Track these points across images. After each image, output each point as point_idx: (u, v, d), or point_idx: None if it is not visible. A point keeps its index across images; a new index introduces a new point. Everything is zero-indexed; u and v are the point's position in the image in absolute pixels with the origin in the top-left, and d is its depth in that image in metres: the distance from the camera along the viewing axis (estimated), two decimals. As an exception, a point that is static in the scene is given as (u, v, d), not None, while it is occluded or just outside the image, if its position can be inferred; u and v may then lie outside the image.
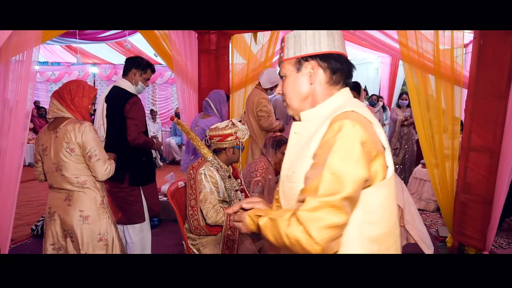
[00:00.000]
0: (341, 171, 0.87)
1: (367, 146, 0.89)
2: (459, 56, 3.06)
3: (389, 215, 0.98)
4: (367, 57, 7.14)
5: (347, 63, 1.08)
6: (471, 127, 2.91)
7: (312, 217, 0.86)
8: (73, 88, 2.00)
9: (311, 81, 1.06)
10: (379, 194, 0.95)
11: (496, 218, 2.83)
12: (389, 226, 0.99)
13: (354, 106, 0.98)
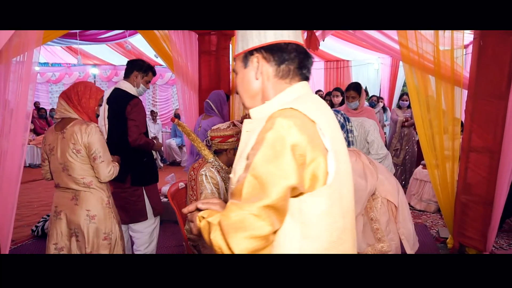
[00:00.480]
0: (265, 176, 0.77)
1: (299, 149, 0.78)
2: (459, 57, 3.07)
3: (331, 228, 0.85)
4: (368, 58, 7.14)
5: (298, 52, 0.95)
6: (471, 128, 2.90)
7: (231, 225, 0.76)
8: (81, 89, 2.03)
9: (256, 75, 0.96)
10: (317, 204, 0.83)
11: (496, 219, 2.83)
12: (331, 241, 0.85)
13: (301, 103, 0.86)
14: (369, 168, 2.43)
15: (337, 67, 7.69)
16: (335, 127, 0.92)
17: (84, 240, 2.01)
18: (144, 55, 6.90)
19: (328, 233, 0.85)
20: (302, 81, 0.97)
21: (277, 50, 0.94)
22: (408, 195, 4.66)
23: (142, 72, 2.59)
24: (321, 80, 7.82)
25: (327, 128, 0.85)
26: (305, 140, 0.79)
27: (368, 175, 2.39)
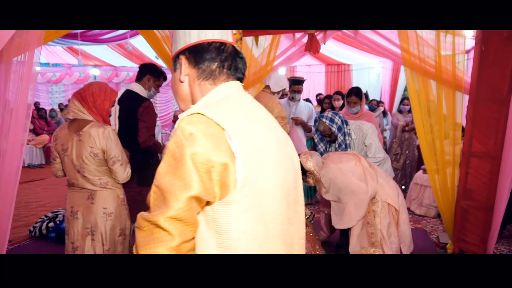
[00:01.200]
0: (165, 186, 0.75)
1: (199, 157, 0.74)
2: (461, 62, 3.06)
3: (248, 237, 0.80)
4: (369, 62, 7.15)
5: (220, 51, 0.91)
6: (472, 133, 2.90)
7: (139, 237, 0.77)
8: (96, 90, 2.03)
9: (181, 78, 0.93)
10: (229, 211, 0.78)
11: (497, 224, 2.81)
12: (249, 250, 0.81)
13: (212, 107, 0.82)
14: (369, 172, 2.42)
15: (338, 71, 7.70)
16: (260, 131, 0.86)
17: (100, 238, 2.04)
18: (144, 56, 6.90)
19: (245, 241, 0.80)
20: (229, 81, 0.92)
21: (199, 51, 0.91)
22: (408, 200, 4.64)
23: (155, 76, 2.71)
24: (322, 83, 7.83)
25: (242, 133, 0.80)
26: (208, 147, 0.75)
27: (368, 179, 2.38)
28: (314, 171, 2.46)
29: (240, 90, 0.94)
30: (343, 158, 2.53)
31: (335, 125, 2.93)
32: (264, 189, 0.82)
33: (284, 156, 0.91)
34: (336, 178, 2.42)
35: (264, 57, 3.97)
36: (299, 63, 7.41)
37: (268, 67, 3.99)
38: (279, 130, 0.95)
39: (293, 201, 0.93)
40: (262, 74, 4.00)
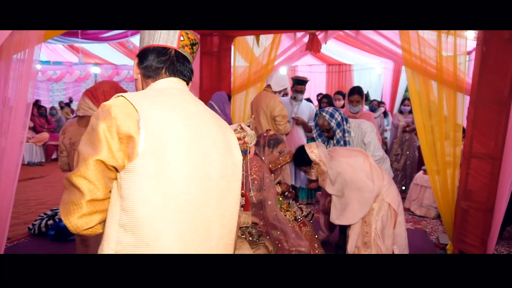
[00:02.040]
0: (81, 150, 0.93)
1: (110, 129, 0.90)
2: (462, 63, 3.05)
3: (145, 204, 0.92)
4: (370, 62, 7.14)
5: (162, 54, 1.07)
6: (472, 134, 2.89)
7: (63, 195, 0.96)
8: (107, 89, 2.08)
9: (135, 75, 1.14)
10: (129, 180, 0.91)
11: (497, 226, 2.81)
12: (143, 215, 0.91)
13: (136, 93, 0.98)
14: (376, 170, 2.43)
15: (339, 71, 7.69)
16: (177, 118, 0.97)
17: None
18: (146, 55, 6.90)
19: (141, 208, 0.91)
20: (167, 78, 1.08)
21: (144, 54, 1.09)
22: (408, 201, 4.64)
23: None
24: (323, 83, 7.82)
25: (153, 116, 0.93)
26: (119, 121, 0.90)
27: (375, 177, 2.38)
28: (320, 162, 2.47)
29: (176, 84, 1.07)
30: (352, 153, 2.53)
31: (334, 120, 2.92)
32: (167, 166, 0.93)
33: (205, 145, 1.01)
34: (344, 173, 2.40)
35: (265, 56, 3.96)
36: (300, 63, 7.40)
37: (269, 66, 3.98)
38: (211, 125, 1.05)
39: (217, 188, 1.02)
40: (263, 73, 3.99)
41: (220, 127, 1.09)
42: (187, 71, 1.11)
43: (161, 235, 0.93)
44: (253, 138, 2.20)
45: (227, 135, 1.10)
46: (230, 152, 1.09)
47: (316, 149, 2.50)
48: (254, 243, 2.31)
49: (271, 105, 3.58)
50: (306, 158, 2.54)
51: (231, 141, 1.11)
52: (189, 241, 0.98)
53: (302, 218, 2.72)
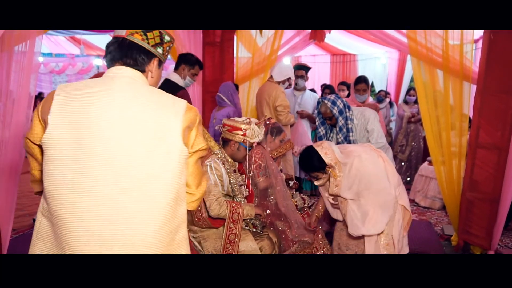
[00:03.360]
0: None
1: (36, 113, 1.08)
2: (469, 52, 3.00)
3: (50, 177, 1.02)
4: (375, 52, 7.04)
5: (109, 45, 1.17)
6: (479, 124, 2.85)
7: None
8: None
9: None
10: (44, 153, 1.05)
11: (502, 217, 2.79)
12: (49, 184, 1.02)
13: (71, 83, 1.09)
14: (391, 167, 2.15)
15: (343, 61, 7.60)
16: (97, 106, 1.02)
17: None
18: (148, 46, 6.86)
19: (47, 181, 1.03)
20: (115, 66, 1.14)
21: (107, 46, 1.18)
22: (413, 192, 4.61)
23: (189, 65, 2.80)
24: (327, 74, 7.74)
25: (68, 103, 1.03)
26: (43, 107, 1.06)
27: (390, 175, 2.08)
28: (335, 165, 2.05)
29: (115, 72, 1.11)
30: (366, 149, 2.18)
31: (336, 107, 2.86)
32: (60, 148, 1.01)
33: (118, 135, 1.02)
34: (365, 173, 2.01)
35: (268, 46, 3.91)
36: (304, 53, 7.32)
37: (272, 56, 3.94)
38: (137, 114, 1.04)
39: (115, 179, 1.01)
40: (266, 63, 3.95)
41: (157, 116, 1.05)
42: (132, 57, 1.13)
43: (62, 205, 1.02)
44: (256, 135, 2.17)
45: (164, 124, 1.05)
46: (163, 141, 1.04)
47: (329, 148, 2.07)
48: (258, 235, 2.31)
49: (273, 96, 3.56)
50: (318, 162, 2.06)
51: (168, 130, 1.05)
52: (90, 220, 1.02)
53: (306, 209, 2.73)
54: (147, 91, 1.09)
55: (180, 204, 1.09)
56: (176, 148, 1.05)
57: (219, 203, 2.11)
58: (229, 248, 2.14)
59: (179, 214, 1.09)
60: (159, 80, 1.26)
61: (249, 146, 2.20)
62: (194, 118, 1.10)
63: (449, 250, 3.16)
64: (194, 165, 1.14)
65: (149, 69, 1.17)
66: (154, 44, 1.16)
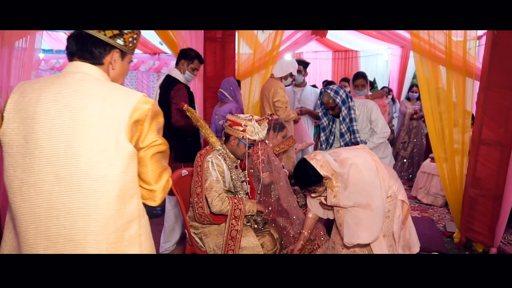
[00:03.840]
0: None
1: (2, 106, 1.09)
2: (472, 48, 2.98)
3: (6, 171, 1.07)
4: (377, 48, 7.01)
5: (70, 38, 1.17)
6: (482, 120, 2.83)
7: None
8: None
9: None
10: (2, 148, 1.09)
11: (505, 213, 2.77)
12: (6, 179, 1.07)
13: (40, 78, 1.11)
14: (382, 169, 2.05)
15: (345, 58, 7.57)
16: (45, 102, 1.04)
17: None
18: (148, 42, 6.85)
19: (4, 176, 1.07)
20: (74, 61, 1.14)
21: None
22: (415, 189, 4.60)
23: (188, 60, 2.84)
24: (329, 70, 7.72)
25: (20, 100, 1.06)
26: (4, 103, 1.08)
27: (381, 177, 2.01)
28: (332, 176, 1.94)
29: (72, 68, 1.11)
30: (358, 153, 2.07)
31: (339, 97, 2.83)
32: (12, 144, 1.04)
33: (61, 131, 1.03)
34: (362, 181, 1.93)
35: (269, 42, 3.89)
36: (305, 50, 7.29)
37: (273, 52, 3.92)
38: (81, 110, 1.04)
39: (57, 175, 1.02)
40: (268, 59, 3.92)
41: (103, 112, 1.03)
42: (88, 51, 1.12)
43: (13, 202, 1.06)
44: (256, 133, 2.15)
45: (110, 119, 1.03)
46: (106, 136, 1.03)
47: (322, 159, 1.95)
48: (259, 231, 2.30)
49: (272, 91, 3.55)
50: (315, 175, 1.95)
51: (113, 126, 1.03)
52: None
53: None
54: (98, 86, 1.07)
55: (128, 201, 1.07)
56: (120, 144, 1.03)
57: (221, 199, 2.10)
58: (231, 245, 2.14)
59: (128, 211, 1.07)
60: (125, 72, 1.24)
61: (249, 143, 2.19)
62: (145, 112, 1.06)
63: (451, 247, 3.15)
64: (149, 160, 1.10)
65: (108, 61, 1.15)
66: (112, 36, 1.13)
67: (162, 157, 1.14)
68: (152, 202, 1.16)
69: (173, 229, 2.94)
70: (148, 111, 1.07)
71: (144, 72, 8.10)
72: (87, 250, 1.03)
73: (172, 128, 2.73)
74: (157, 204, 1.16)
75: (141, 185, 1.13)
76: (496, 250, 2.89)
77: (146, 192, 1.14)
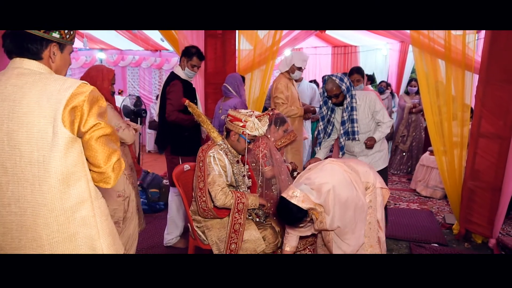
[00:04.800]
0: None
1: None
2: (471, 42, 3.00)
3: None
4: (376, 43, 7.02)
5: (7, 37, 1.18)
6: (481, 113, 2.86)
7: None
8: (93, 73, 2.22)
9: None
10: None
11: (504, 205, 2.81)
12: None
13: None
14: (354, 176, 2.06)
15: (344, 53, 7.58)
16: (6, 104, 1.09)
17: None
18: (150, 39, 6.85)
19: None
20: (13, 59, 1.17)
21: None
22: (414, 182, 4.64)
23: (188, 57, 2.91)
24: (328, 65, 7.72)
25: None
26: None
27: (354, 184, 2.03)
28: (315, 206, 1.92)
29: (10, 66, 1.16)
30: (330, 171, 2.03)
31: (344, 84, 2.76)
32: None
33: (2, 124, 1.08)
34: (341, 200, 1.93)
35: (269, 38, 3.91)
36: (305, 45, 7.30)
37: (274, 47, 3.94)
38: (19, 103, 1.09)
39: (2, 164, 1.09)
40: (268, 55, 3.95)
41: (40, 102, 1.09)
42: (24, 47, 1.16)
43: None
44: (255, 129, 2.15)
45: (46, 109, 1.09)
46: (42, 125, 1.08)
47: (302, 194, 1.90)
48: (261, 224, 2.34)
49: (273, 87, 3.58)
50: (300, 213, 1.91)
51: (48, 114, 1.09)
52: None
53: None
54: (36, 78, 1.12)
55: (73, 184, 1.13)
56: (57, 131, 1.08)
57: (224, 193, 2.13)
58: (233, 238, 2.17)
59: (75, 194, 1.14)
60: (67, 63, 1.29)
61: (249, 138, 2.20)
62: (83, 98, 1.11)
63: (450, 239, 3.20)
64: (95, 143, 1.14)
65: (47, 55, 1.20)
66: (47, 30, 1.17)
67: (108, 140, 1.18)
68: (105, 184, 1.20)
69: (175, 220, 3.01)
70: (85, 97, 1.11)
71: (146, 68, 8.11)
72: (39, 232, 1.11)
73: (169, 122, 2.85)
74: (111, 185, 1.21)
75: (91, 168, 1.18)
76: (495, 241, 2.93)
77: (96, 175, 1.18)
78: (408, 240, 3.13)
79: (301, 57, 3.63)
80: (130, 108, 4.20)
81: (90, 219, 1.17)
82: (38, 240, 1.11)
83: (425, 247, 2.97)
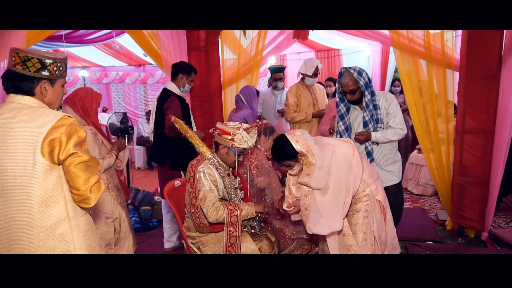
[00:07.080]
0: None
1: None
2: (449, 40, 3.06)
3: None
4: (358, 45, 7.11)
5: (4, 78, 1.36)
6: (464, 110, 2.91)
7: None
8: (83, 95, 2.31)
9: None
10: None
11: (493, 198, 2.86)
12: None
13: None
14: (359, 168, 2.02)
15: (328, 57, 7.65)
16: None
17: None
18: (133, 54, 6.81)
19: None
20: (10, 95, 1.35)
21: None
22: (405, 180, 4.68)
23: (186, 73, 3.02)
24: (312, 70, 7.79)
25: None
26: None
27: (353, 176, 1.99)
28: (307, 153, 1.93)
29: (6, 100, 1.35)
30: (341, 143, 2.05)
31: (363, 79, 2.38)
32: None
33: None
34: (336, 169, 1.92)
35: (253, 47, 3.93)
36: (288, 51, 7.35)
37: (257, 57, 3.96)
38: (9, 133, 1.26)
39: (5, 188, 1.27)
40: (252, 64, 3.97)
41: (26, 134, 1.25)
42: (17, 86, 1.33)
43: None
44: (245, 141, 2.14)
45: (30, 139, 1.25)
46: (25, 153, 1.24)
47: (301, 137, 1.96)
48: (256, 236, 2.32)
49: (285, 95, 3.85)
50: (290, 150, 1.97)
51: (31, 145, 1.25)
52: None
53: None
54: (24, 113, 1.28)
55: (52, 206, 1.29)
56: (36, 160, 1.24)
57: (215, 208, 2.11)
58: (231, 251, 2.15)
59: (54, 214, 1.30)
60: (59, 96, 1.43)
61: (238, 151, 2.17)
62: (60, 131, 1.26)
63: (444, 235, 3.23)
64: (74, 169, 1.27)
65: (39, 91, 1.36)
66: (36, 70, 1.33)
67: (86, 166, 1.31)
68: (85, 205, 1.32)
69: (170, 227, 3.11)
70: (63, 131, 1.26)
71: (130, 84, 8.04)
72: (22, 246, 1.28)
73: (168, 137, 2.90)
74: (91, 205, 1.32)
75: (71, 190, 1.31)
76: (487, 234, 2.97)
77: (76, 197, 1.31)
78: (403, 239, 3.14)
79: (307, 64, 3.73)
80: (117, 126, 4.15)
81: (68, 236, 1.32)
82: (22, 252, 1.28)
83: (421, 245, 2.98)
